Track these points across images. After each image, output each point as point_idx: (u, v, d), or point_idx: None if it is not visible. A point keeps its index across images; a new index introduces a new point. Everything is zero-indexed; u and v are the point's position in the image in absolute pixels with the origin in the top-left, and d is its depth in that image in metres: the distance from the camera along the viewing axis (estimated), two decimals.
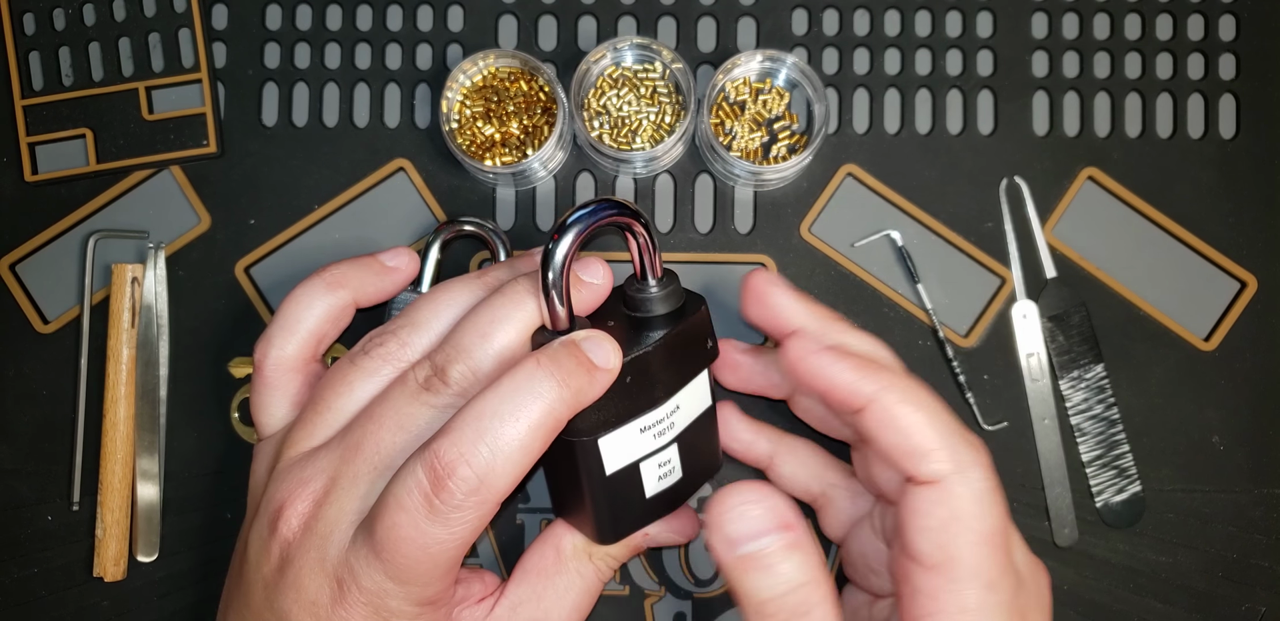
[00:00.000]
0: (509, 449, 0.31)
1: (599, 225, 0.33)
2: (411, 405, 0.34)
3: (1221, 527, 0.46)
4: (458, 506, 0.31)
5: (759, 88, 0.47)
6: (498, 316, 0.34)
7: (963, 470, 0.33)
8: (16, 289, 0.47)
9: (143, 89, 0.47)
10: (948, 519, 0.33)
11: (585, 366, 0.32)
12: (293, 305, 0.39)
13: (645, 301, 0.36)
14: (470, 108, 0.46)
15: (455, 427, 0.31)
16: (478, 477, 0.31)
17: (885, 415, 0.33)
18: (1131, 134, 0.47)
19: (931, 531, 0.33)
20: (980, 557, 0.32)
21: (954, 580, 0.32)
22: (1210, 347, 0.46)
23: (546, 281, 0.33)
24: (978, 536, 0.33)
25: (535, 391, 0.31)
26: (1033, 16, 0.48)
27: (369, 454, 0.34)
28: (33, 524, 0.45)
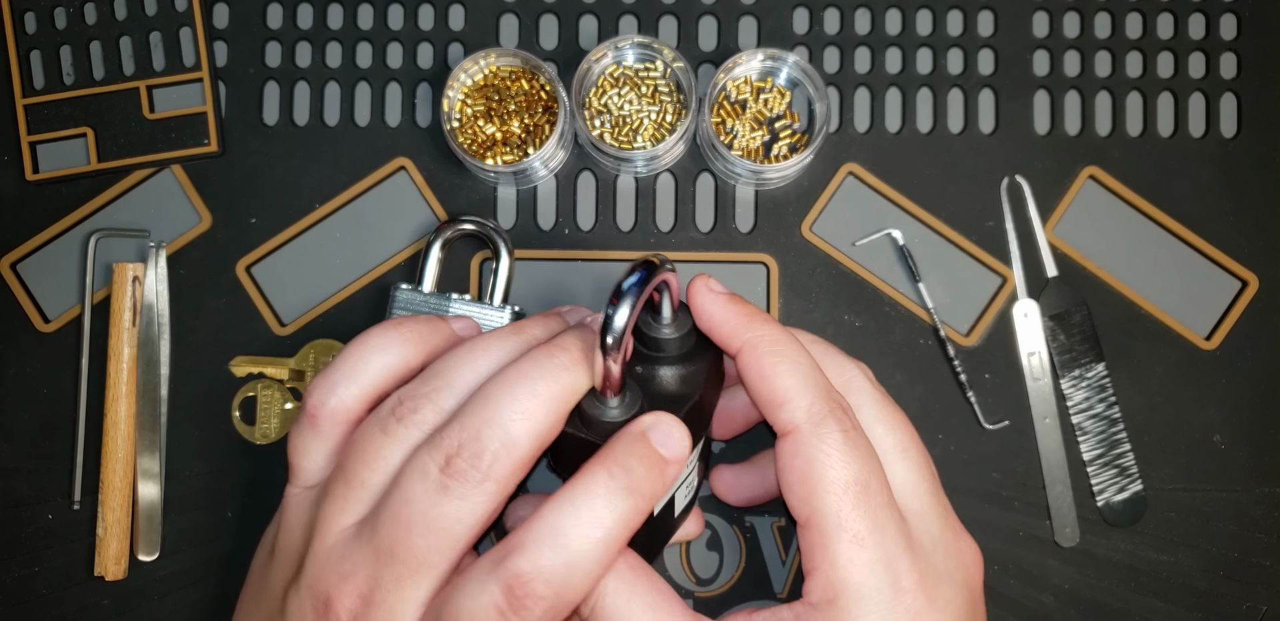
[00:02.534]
0: (585, 563, 0.30)
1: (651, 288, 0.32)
2: (439, 505, 0.32)
3: (1223, 526, 0.45)
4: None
5: (760, 86, 0.47)
6: (538, 391, 0.32)
7: (817, 421, 0.33)
8: (17, 288, 0.47)
9: (144, 88, 0.47)
10: (805, 469, 0.32)
11: (657, 466, 0.32)
12: (363, 350, 0.35)
13: (664, 342, 0.35)
14: (471, 106, 0.46)
15: (530, 543, 0.30)
16: (555, 594, 0.30)
17: (753, 360, 0.34)
18: (1133, 133, 0.47)
19: (794, 485, 0.33)
20: (841, 508, 0.32)
21: (822, 534, 0.32)
22: (1211, 346, 0.46)
23: (605, 346, 0.31)
24: (835, 486, 0.32)
25: (611, 504, 0.31)
26: (1034, 15, 0.48)
27: (404, 558, 0.32)
28: (34, 522, 0.45)
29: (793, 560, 0.45)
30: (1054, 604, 0.45)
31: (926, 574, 0.33)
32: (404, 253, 0.46)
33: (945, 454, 0.45)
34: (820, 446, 0.32)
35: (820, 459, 0.32)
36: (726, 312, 0.35)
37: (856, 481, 0.32)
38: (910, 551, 0.33)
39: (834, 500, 0.32)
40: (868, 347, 0.46)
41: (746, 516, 0.45)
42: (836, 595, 0.32)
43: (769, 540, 0.45)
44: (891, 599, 0.32)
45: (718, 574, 0.45)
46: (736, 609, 0.35)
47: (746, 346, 0.34)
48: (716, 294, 0.35)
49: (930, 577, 0.33)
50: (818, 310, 0.46)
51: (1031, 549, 0.45)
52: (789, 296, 0.46)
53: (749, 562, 0.45)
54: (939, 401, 0.46)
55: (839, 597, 0.32)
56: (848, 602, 0.32)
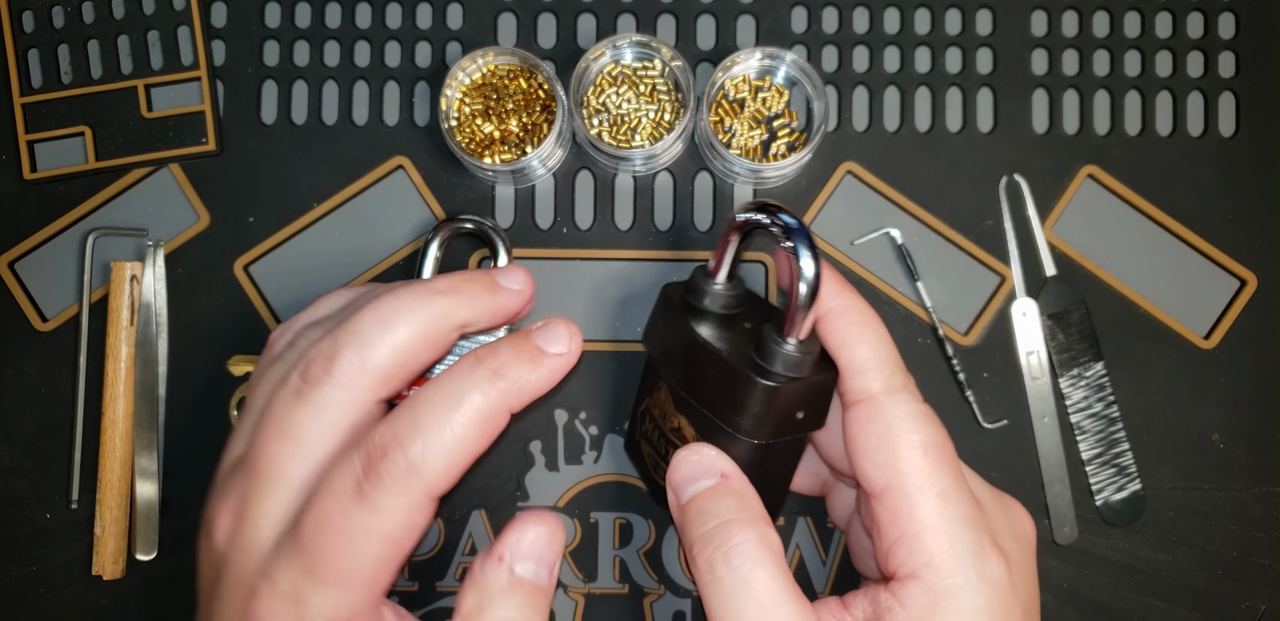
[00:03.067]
0: (444, 438, 0.31)
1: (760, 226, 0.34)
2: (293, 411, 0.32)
3: (1221, 525, 0.45)
4: (386, 489, 0.30)
5: (758, 85, 0.47)
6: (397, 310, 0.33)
7: (893, 391, 0.33)
8: (15, 287, 0.47)
9: (142, 87, 0.47)
10: (882, 434, 0.33)
11: (528, 353, 0.33)
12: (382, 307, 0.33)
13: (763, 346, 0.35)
14: (469, 105, 0.46)
15: (393, 417, 0.31)
16: (409, 462, 0.30)
17: (839, 326, 0.34)
18: (1131, 132, 0.47)
19: (871, 451, 0.33)
20: (926, 468, 0.32)
21: (905, 497, 0.32)
22: (1210, 345, 0.46)
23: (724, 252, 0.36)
24: (917, 447, 0.32)
25: (470, 381, 0.32)
26: (1032, 14, 0.48)
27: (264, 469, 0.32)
28: (31, 522, 0.45)
29: (791, 559, 0.45)
30: (1053, 603, 0.45)
31: (998, 530, 0.33)
32: (402, 251, 0.46)
33: None
34: (897, 411, 0.33)
35: (898, 422, 0.33)
36: (828, 274, 0.35)
37: (935, 442, 0.33)
38: (981, 509, 0.33)
39: (916, 460, 0.32)
40: None
41: None
42: (930, 556, 0.32)
43: None
44: (984, 554, 0.32)
45: None
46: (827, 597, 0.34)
47: (836, 311, 0.35)
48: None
49: (1002, 533, 0.34)
50: None
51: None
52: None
53: None
54: (937, 400, 0.46)
55: (934, 558, 0.32)
56: (943, 561, 0.32)
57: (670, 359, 0.37)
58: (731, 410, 0.34)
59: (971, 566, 0.31)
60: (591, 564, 0.45)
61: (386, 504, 0.30)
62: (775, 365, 0.34)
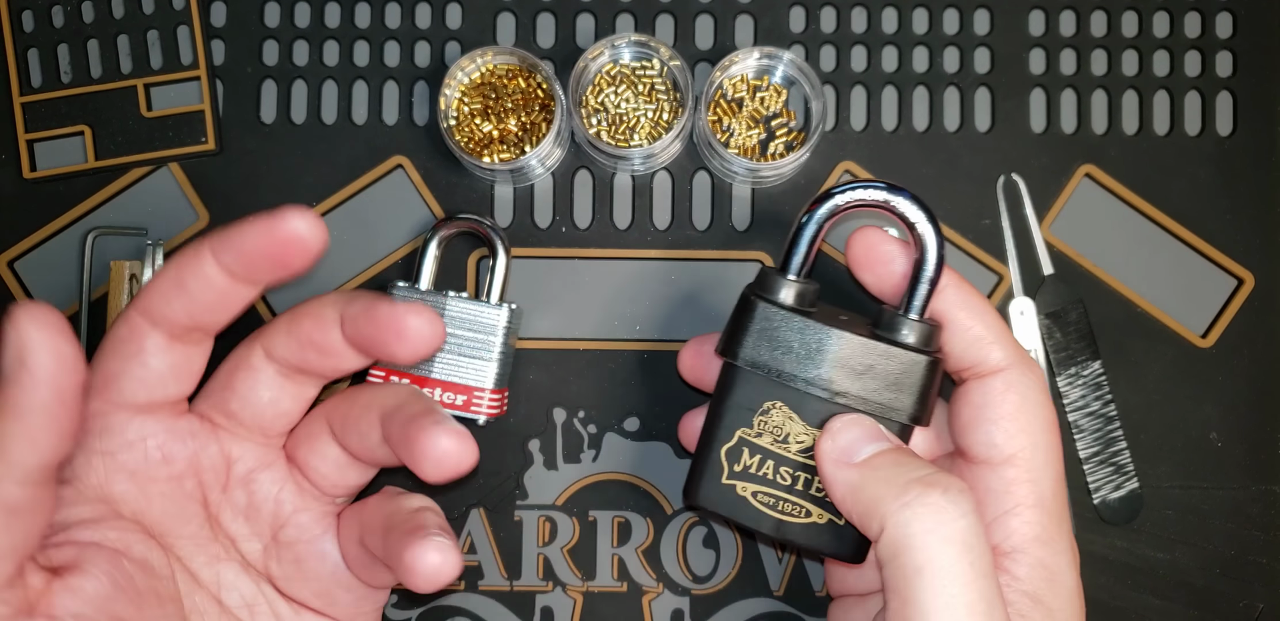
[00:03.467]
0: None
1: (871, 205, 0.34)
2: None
3: (1219, 524, 0.46)
4: None
5: (756, 85, 0.47)
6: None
7: (1028, 363, 0.34)
8: (15, 286, 0.47)
9: (141, 86, 0.47)
10: (1019, 405, 0.33)
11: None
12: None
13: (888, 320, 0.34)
14: (468, 105, 0.46)
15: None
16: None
17: (965, 296, 0.34)
18: (1129, 131, 0.48)
19: (1005, 419, 0.33)
20: (1053, 445, 0.33)
21: (1031, 469, 0.32)
22: (1208, 344, 0.46)
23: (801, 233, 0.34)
24: (1048, 423, 0.33)
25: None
26: (1030, 14, 0.48)
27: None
28: None
29: (789, 558, 0.45)
30: None
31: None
32: (401, 251, 0.47)
33: None
34: (1036, 384, 0.33)
35: (1035, 397, 0.33)
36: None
37: (1057, 423, 0.34)
38: None
39: (1049, 435, 0.33)
40: None
41: None
42: (1043, 531, 0.32)
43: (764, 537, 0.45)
44: (1070, 542, 0.34)
45: (714, 571, 0.45)
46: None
47: (957, 282, 0.35)
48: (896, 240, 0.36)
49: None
50: None
51: None
52: None
53: (745, 560, 0.45)
54: None
55: (1045, 533, 0.32)
56: (1054, 539, 0.32)
57: (794, 367, 0.33)
58: (897, 396, 0.32)
59: (1068, 548, 0.33)
60: (590, 562, 0.45)
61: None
62: (917, 341, 0.33)
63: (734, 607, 0.45)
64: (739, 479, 0.34)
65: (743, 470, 0.34)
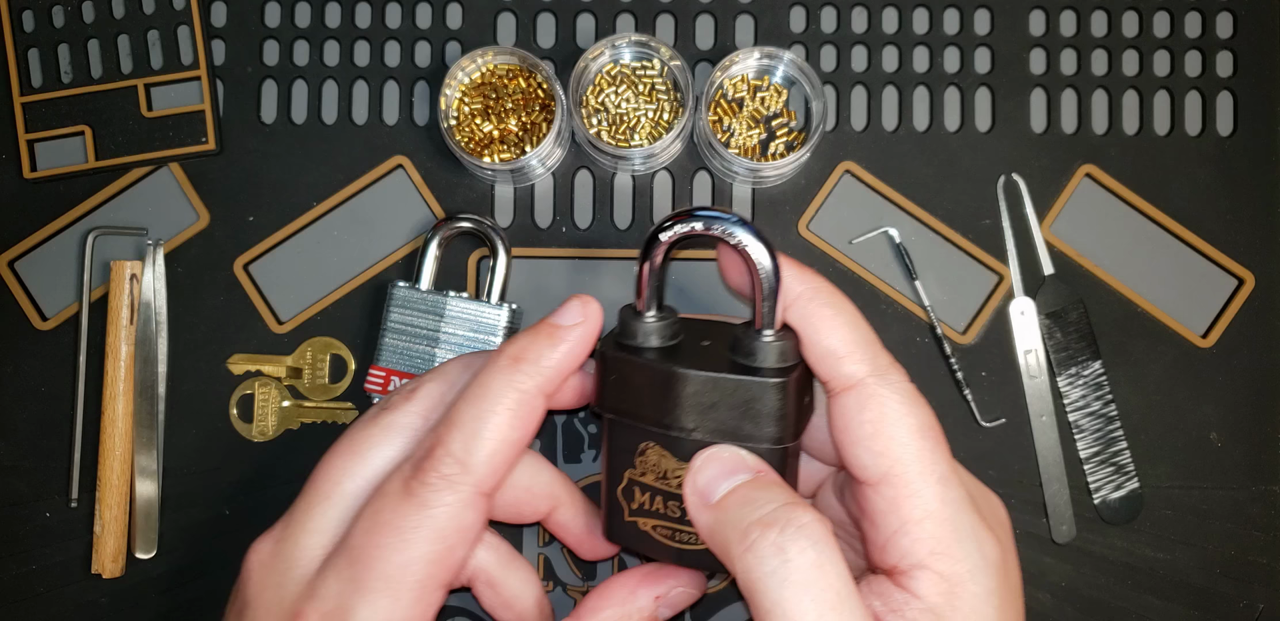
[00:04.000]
0: (476, 425, 0.31)
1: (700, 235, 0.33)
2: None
3: (1219, 524, 0.46)
4: (434, 486, 0.31)
5: (757, 85, 0.47)
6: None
7: (882, 372, 0.32)
8: (15, 286, 0.47)
9: (142, 86, 0.47)
10: (877, 421, 0.31)
11: (545, 333, 0.33)
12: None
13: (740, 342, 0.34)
14: (469, 105, 0.46)
15: (437, 423, 0.32)
16: (454, 458, 0.31)
17: (814, 309, 0.32)
18: (1129, 131, 0.48)
19: (866, 439, 0.31)
20: (926, 453, 0.31)
21: (905, 484, 0.30)
22: (1208, 344, 0.46)
23: (641, 271, 0.34)
24: (915, 431, 0.31)
25: (493, 370, 0.32)
26: (1030, 14, 0.48)
27: (319, 482, 0.34)
28: (31, 520, 0.45)
29: None
30: (1051, 601, 0.45)
31: (988, 515, 0.32)
32: (401, 251, 0.46)
33: None
34: (892, 396, 0.31)
35: (894, 407, 0.31)
36: (786, 259, 0.33)
37: (930, 424, 0.32)
38: (971, 495, 0.32)
39: (916, 444, 0.31)
40: None
41: None
42: (938, 543, 0.30)
43: None
44: (981, 536, 0.31)
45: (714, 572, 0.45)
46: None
47: (807, 294, 0.33)
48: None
49: (987, 515, 0.32)
50: None
51: (1028, 546, 0.45)
52: None
53: None
54: (935, 399, 0.46)
55: (941, 545, 0.30)
56: (951, 548, 0.30)
57: (650, 411, 0.33)
58: (753, 423, 0.32)
59: (976, 550, 0.30)
60: (590, 562, 0.45)
61: (435, 499, 0.30)
62: (768, 361, 0.33)
63: (734, 607, 0.45)
64: (638, 515, 0.35)
65: (639, 507, 0.35)
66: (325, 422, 0.46)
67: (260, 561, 0.33)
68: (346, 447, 0.33)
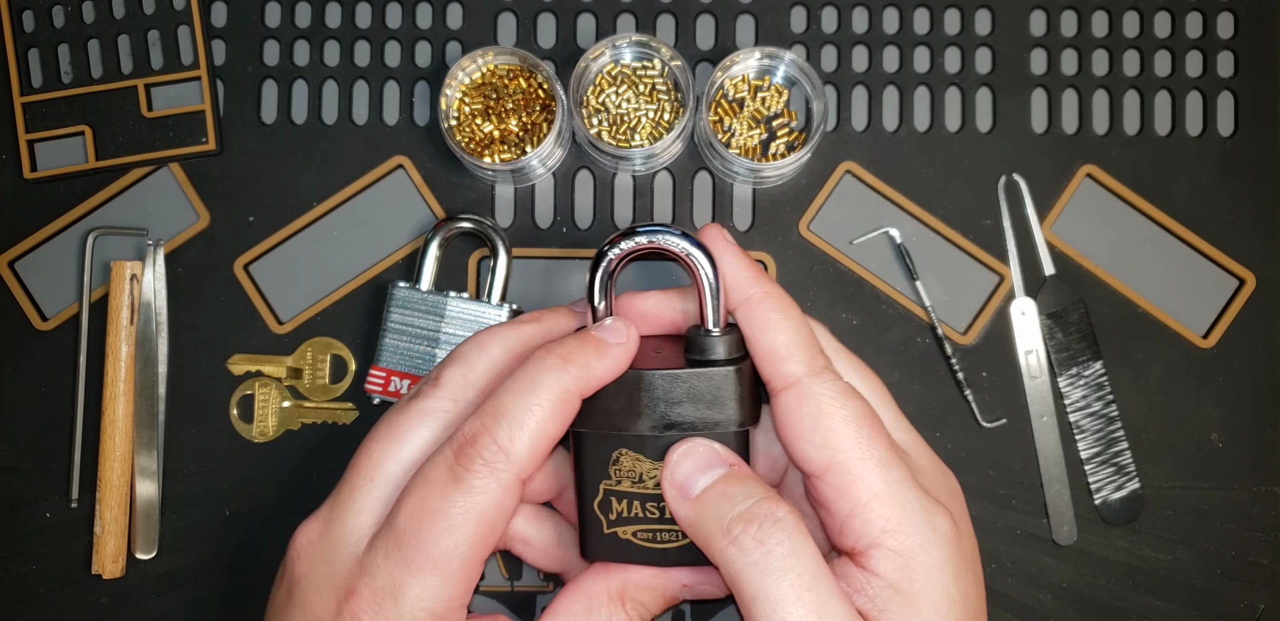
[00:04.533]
0: (523, 417, 0.33)
1: (646, 250, 0.35)
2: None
3: (1220, 525, 0.46)
4: (478, 472, 0.32)
5: (757, 85, 0.47)
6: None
7: (817, 372, 0.34)
8: (15, 286, 0.47)
9: (142, 86, 0.47)
10: (815, 414, 0.33)
11: (593, 344, 0.35)
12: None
13: (693, 342, 0.36)
14: (469, 105, 0.46)
15: (480, 410, 0.34)
16: (498, 445, 0.32)
17: (760, 314, 0.35)
18: (1130, 131, 0.48)
19: (807, 432, 0.33)
20: (863, 439, 0.33)
21: (849, 471, 0.33)
22: (1209, 345, 0.46)
23: (593, 285, 0.36)
24: (850, 421, 0.33)
25: (542, 368, 0.34)
26: (1031, 14, 0.48)
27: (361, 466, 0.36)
28: (31, 521, 0.45)
29: None
30: (1052, 602, 0.45)
31: (935, 487, 0.34)
32: (402, 251, 0.46)
33: (942, 452, 0.45)
34: (824, 391, 0.34)
35: (829, 401, 0.33)
36: (736, 265, 0.36)
37: (864, 414, 0.34)
38: (918, 473, 0.34)
39: (853, 433, 0.33)
40: (865, 346, 0.46)
41: None
42: (887, 522, 0.32)
43: None
44: (930, 510, 0.33)
45: None
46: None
47: (754, 298, 0.35)
48: (728, 244, 0.36)
49: (938, 489, 0.34)
50: (815, 308, 0.46)
51: (1029, 547, 0.45)
52: None
53: None
54: (936, 400, 0.46)
55: (890, 523, 0.32)
56: (900, 524, 0.32)
57: (620, 418, 0.35)
58: (716, 410, 0.35)
59: (925, 523, 0.32)
60: None
61: (479, 485, 0.32)
62: (720, 353, 0.35)
63: (734, 609, 0.45)
64: (618, 525, 0.36)
65: (618, 517, 0.36)
66: (325, 423, 0.46)
67: (309, 541, 0.35)
68: (385, 432, 0.35)
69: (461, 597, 0.33)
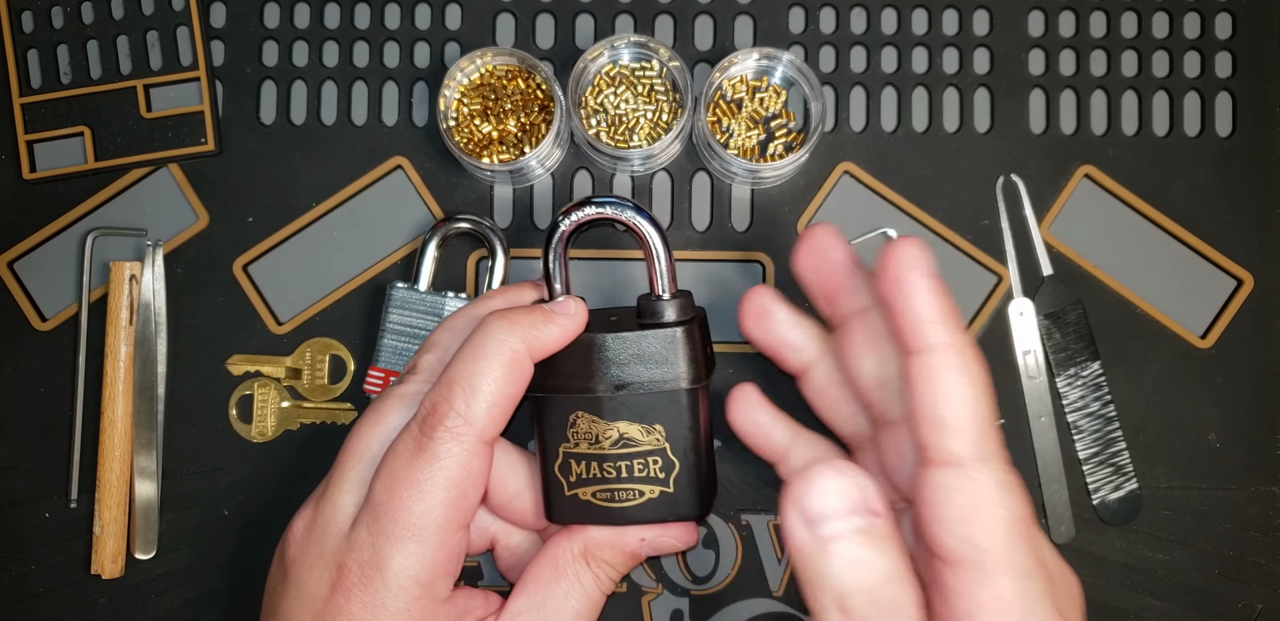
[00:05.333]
0: (475, 380, 0.34)
1: (596, 218, 0.38)
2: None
3: (1218, 525, 0.46)
4: (441, 439, 0.34)
5: (756, 86, 0.47)
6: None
7: (984, 458, 0.31)
8: (15, 287, 0.47)
9: (141, 87, 0.47)
10: (969, 506, 0.30)
11: (540, 310, 0.36)
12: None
13: (644, 306, 0.38)
14: (468, 105, 0.46)
15: (438, 382, 0.35)
16: (455, 412, 0.34)
17: (941, 372, 0.31)
18: (1128, 132, 0.48)
19: (953, 522, 0.30)
20: (1009, 545, 0.30)
21: (985, 572, 0.30)
22: (1207, 345, 0.47)
23: (547, 261, 0.38)
24: (1003, 523, 0.30)
25: (487, 332, 0.35)
26: (1029, 15, 0.48)
27: (350, 450, 0.37)
28: (30, 521, 0.45)
29: (789, 558, 0.45)
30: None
31: (1065, 604, 0.32)
32: (400, 251, 0.47)
33: None
34: (987, 481, 0.30)
35: (988, 495, 0.30)
36: (928, 301, 0.32)
37: (1021, 517, 0.31)
38: (1053, 583, 0.32)
39: (1002, 538, 0.30)
40: None
41: (743, 515, 0.45)
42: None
43: (765, 538, 0.45)
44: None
45: (714, 572, 0.45)
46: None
47: (940, 351, 0.31)
48: (921, 271, 0.32)
49: (1069, 608, 0.32)
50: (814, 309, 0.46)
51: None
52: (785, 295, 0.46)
53: (745, 561, 0.45)
54: None
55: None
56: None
57: (575, 380, 0.37)
58: (668, 368, 0.37)
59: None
60: None
61: (444, 451, 0.34)
62: (670, 316, 0.37)
63: (734, 608, 0.45)
64: (578, 487, 0.38)
65: (577, 479, 0.38)
66: (324, 423, 0.46)
67: (304, 525, 0.36)
68: (369, 418, 0.37)
69: (444, 564, 0.34)
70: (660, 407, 0.37)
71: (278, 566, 0.37)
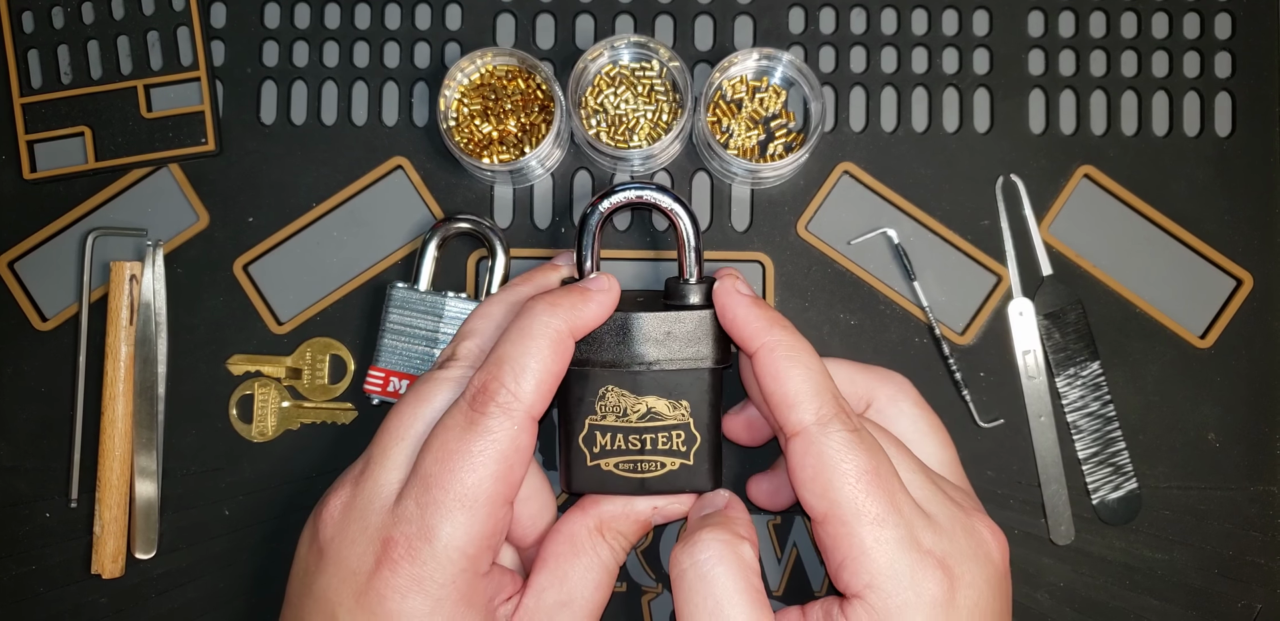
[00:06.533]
0: (524, 360, 0.36)
1: (635, 202, 0.40)
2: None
3: (1217, 524, 0.46)
4: (492, 414, 0.35)
5: (756, 86, 0.47)
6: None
7: (824, 422, 0.35)
8: (15, 287, 0.47)
9: (141, 87, 0.47)
10: (817, 465, 0.35)
11: (578, 291, 0.38)
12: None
13: (672, 289, 0.40)
14: (468, 106, 0.46)
15: (486, 362, 0.36)
16: (506, 389, 0.35)
17: (768, 363, 0.37)
18: (1127, 132, 0.48)
19: (809, 482, 0.35)
20: (860, 495, 0.34)
21: (843, 524, 0.34)
22: (1206, 345, 0.47)
23: (581, 241, 0.40)
24: (850, 475, 0.34)
25: (533, 315, 0.37)
26: (1029, 15, 0.48)
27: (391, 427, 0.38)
28: (31, 521, 0.45)
29: (788, 557, 0.45)
30: (1049, 602, 0.45)
31: (950, 551, 0.35)
32: (400, 251, 0.47)
33: None
34: (828, 442, 0.35)
35: (830, 453, 0.35)
36: (749, 314, 0.38)
37: (866, 469, 0.35)
38: (931, 529, 0.35)
39: (849, 488, 0.34)
40: (863, 346, 0.46)
41: None
42: (872, 578, 0.34)
43: (764, 538, 0.45)
44: (920, 575, 0.34)
45: None
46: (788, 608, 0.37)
47: (763, 349, 0.37)
48: (741, 295, 0.38)
49: (954, 555, 0.35)
50: (813, 309, 0.46)
51: (1027, 547, 0.45)
52: (785, 295, 0.46)
53: None
54: (934, 400, 0.46)
55: (874, 580, 0.34)
56: (883, 583, 0.34)
57: (609, 354, 0.39)
58: (698, 348, 0.39)
59: (909, 586, 0.34)
60: None
61: (495, 425, 0.35)
62: (699, 299, 0.39)
63: None
64: (601, 457, 0.40)
65: (601, 450, 0.40)
66: (325, 423, 0.46)
67: (342, 503, 0.36)
68: (413, 399, 0.38)
69: (490, 537, 0.35)
70: (688, 384, 0.39)
71: (309, 547, 0.37)
